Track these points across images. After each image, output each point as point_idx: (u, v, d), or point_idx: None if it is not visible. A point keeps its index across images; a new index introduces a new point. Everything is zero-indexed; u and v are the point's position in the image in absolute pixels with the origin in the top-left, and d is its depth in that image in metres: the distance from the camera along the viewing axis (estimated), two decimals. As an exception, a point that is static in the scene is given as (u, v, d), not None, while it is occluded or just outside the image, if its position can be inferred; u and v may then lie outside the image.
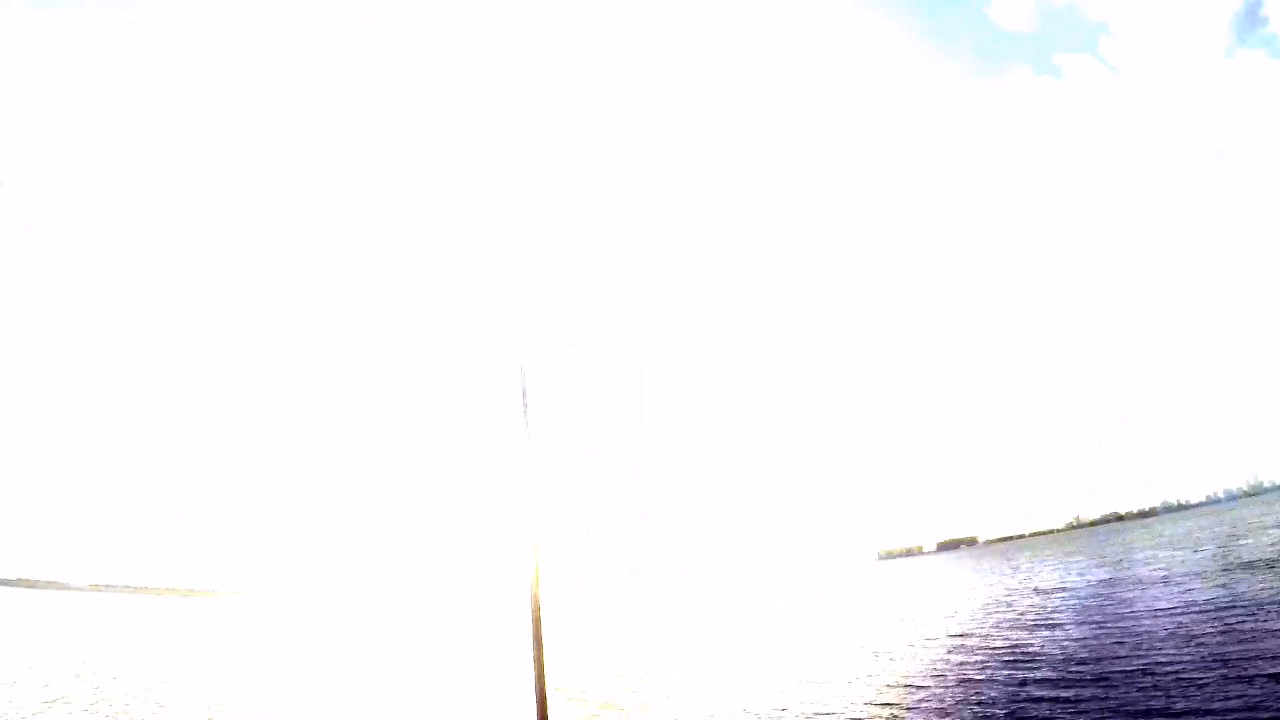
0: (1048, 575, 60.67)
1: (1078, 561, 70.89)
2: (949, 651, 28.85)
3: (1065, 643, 25.79)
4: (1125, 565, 54.14)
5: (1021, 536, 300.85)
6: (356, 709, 26.60)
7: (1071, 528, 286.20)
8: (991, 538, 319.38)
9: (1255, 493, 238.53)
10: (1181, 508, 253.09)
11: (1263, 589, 28.76)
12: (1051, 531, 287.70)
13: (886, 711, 20.99)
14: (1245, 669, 17.48)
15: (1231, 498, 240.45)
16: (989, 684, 21.67)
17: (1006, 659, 25.14)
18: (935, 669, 25.80)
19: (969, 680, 22.81)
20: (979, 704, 19.73)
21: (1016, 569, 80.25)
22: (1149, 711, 15.74)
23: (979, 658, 26.23)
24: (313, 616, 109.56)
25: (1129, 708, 16.46)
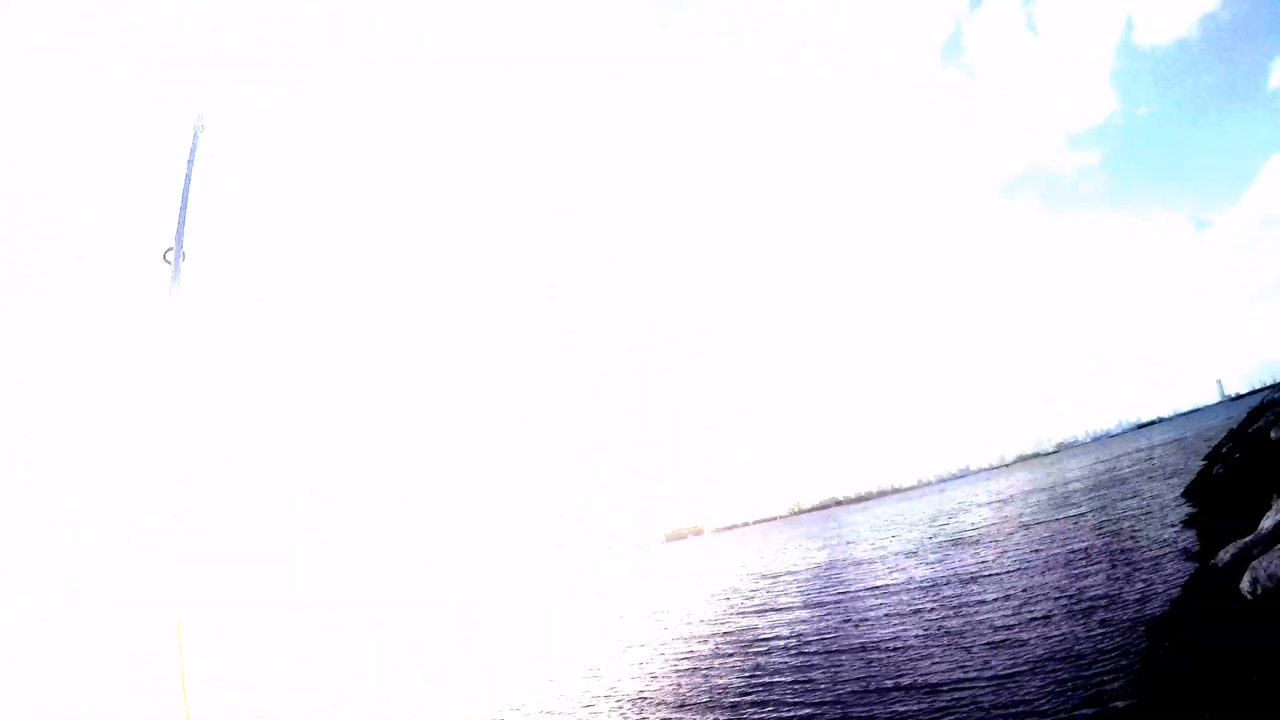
0: (772, 559, 64.59)
1: (798, 547, 76.14)
2: (682, 640, 29.49)
3: (793, 624, 27.01)
4: (844, 547, 58.61)
5: (746, 524, 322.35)
6: None
7: (793, 514, 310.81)
8: (718, 527, 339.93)
9: (962, 476, 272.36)
10: (895, 491, 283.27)
11: (971, 562, 31.79)
12: (774, 518, 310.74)
13: (622, 702, 20.88)
14: (964, 638, 18.88)
15: (942, 481, 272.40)
16: (722, 670, 22.14)
17: (737, 643, 25.94)
18: (668, 657, 26.19)
19: (702, 667, 23.26)
20: (713, 689, 20.06)
21: (741, 555, 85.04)
22: (880, 688, 16.50)
23: (711, 645, 26.91)
24: None
25: (859, 682, 17.23)
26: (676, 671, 23.43)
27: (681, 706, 19.10)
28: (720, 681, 20.62)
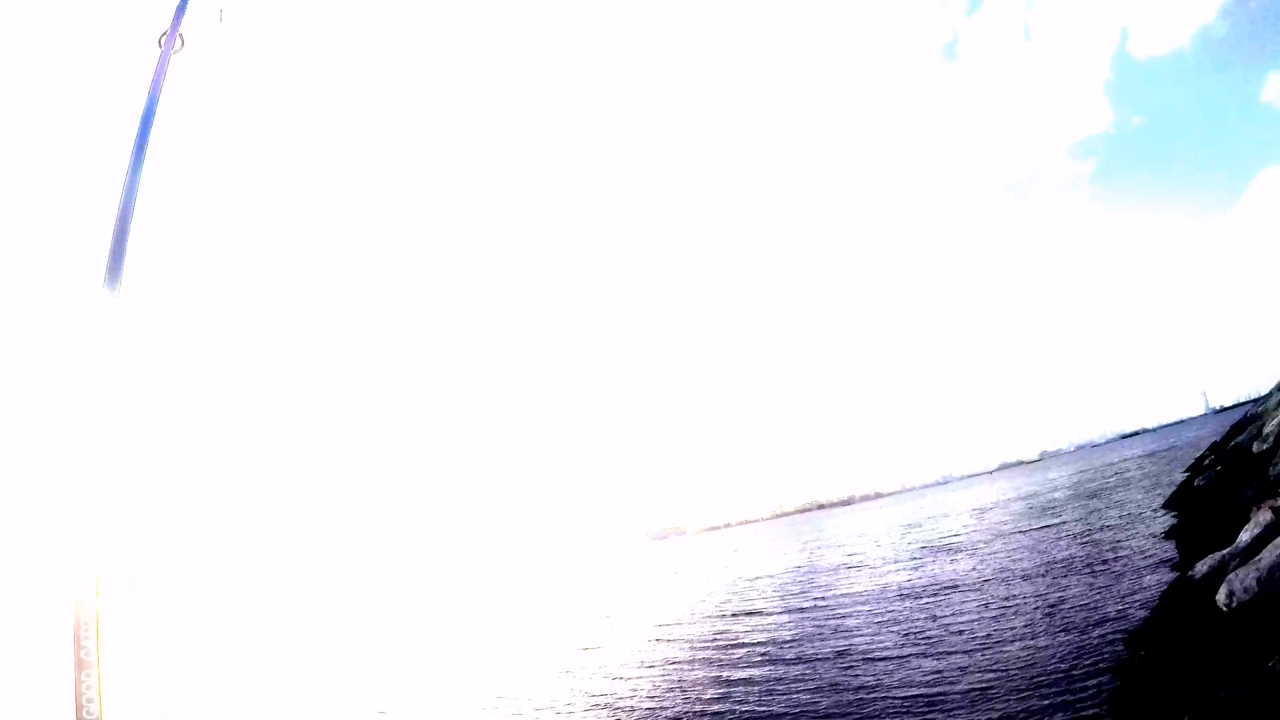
0: (751, 562, 64.63)
1: (778, 549, 76.22)
2: (658, 642, 29.48)
3: (770, 629, 27.06)
4: (823, 551, 58.72)
5: (728, 526, 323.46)
6: None
7: (775, 516, 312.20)
8: (701, 527, 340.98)
9: (944, 482, 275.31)
10: (878, 495, 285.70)
11: (951, 570, 31.94)
12: (757, 520, 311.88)
13: (599, 703, 20.87)
14: (942, 647, 18.96)
15: (925, 487, 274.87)
16: (697, 674, 22.14)
17: (713, 647, 25.95)
18: (644, 660, 26.16)
19: (677, 671, 23.26)
20: (687, 694, 20.06)
21: (722, 556, 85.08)
22: (857, 697, 16.54)
23: (687, 648, 26.91)
24: None
25: (835, 690, 17.26)
26: (650, 675, 23.42)
27: (654, 711, 19.10)
28: (695, 686, 20.62)
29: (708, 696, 19.19)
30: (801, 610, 29.58)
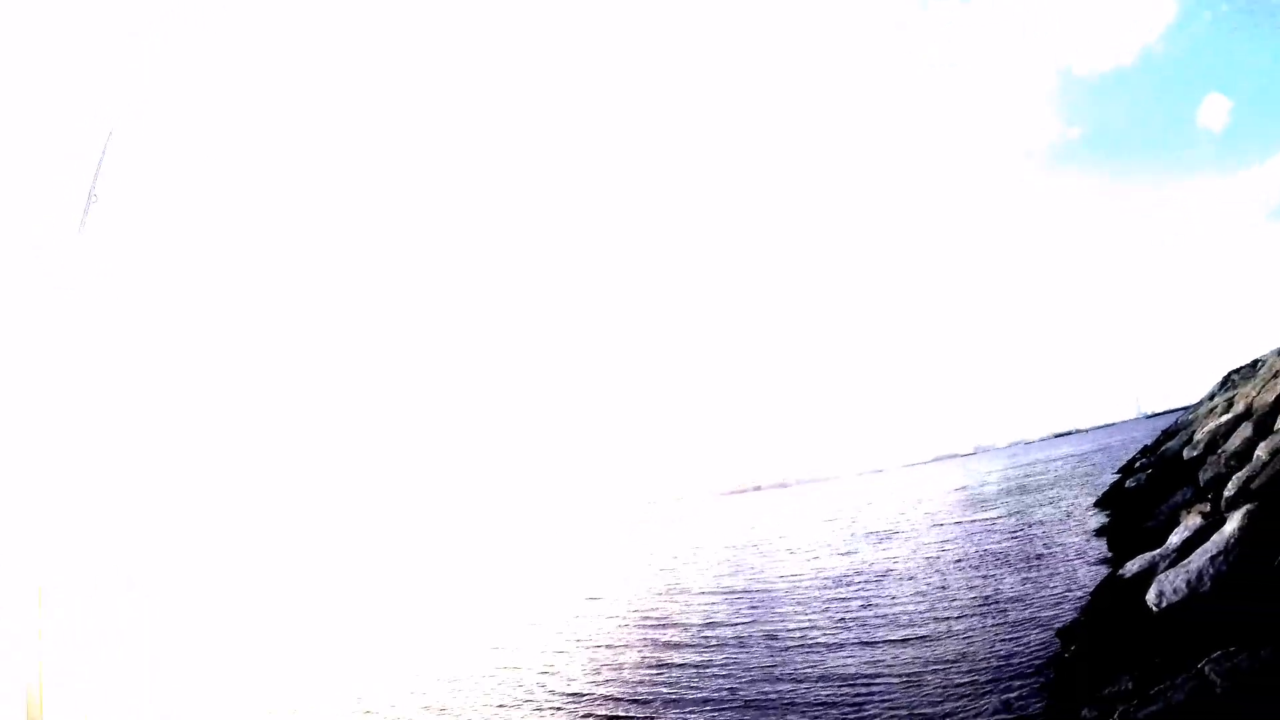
0: (687, 541, 64.95)
1: (716, 529, 76.72)
2: (593, 619, 29.52)
3: (704, 609, 27.27)
4: (759, 533, 59.14)
5: (664, 503, 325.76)
6: None
7: (714, 496, 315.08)
8: (642, 505, 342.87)
9: (880, 471, 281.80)
10: (814, 481, 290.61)
11: (885, 557, 32.43)
12: (693, 499, 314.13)
13: (526, 678, 20.89)
14: (876, 633, 19.29)
15: (860, 475, 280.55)
16: (632, 653, 22.25)
17: (644, 624, 26.11)
18: (577, 638, 26.18)
19: (611, 650, 23.35)
20: (620, 667, 20.20)
21: (654, 536, 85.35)
22: (790, 678, 16.76)
23: (618, 624, 27.06)
24: None
25: (767, 671, 17.49)
26: (584, 652, 23.46)
27: (582, 695, 19.15)
28: (626, 667, 20.73)
29: (638, 679, 19.29)
30: (735, 591, 29.84)
